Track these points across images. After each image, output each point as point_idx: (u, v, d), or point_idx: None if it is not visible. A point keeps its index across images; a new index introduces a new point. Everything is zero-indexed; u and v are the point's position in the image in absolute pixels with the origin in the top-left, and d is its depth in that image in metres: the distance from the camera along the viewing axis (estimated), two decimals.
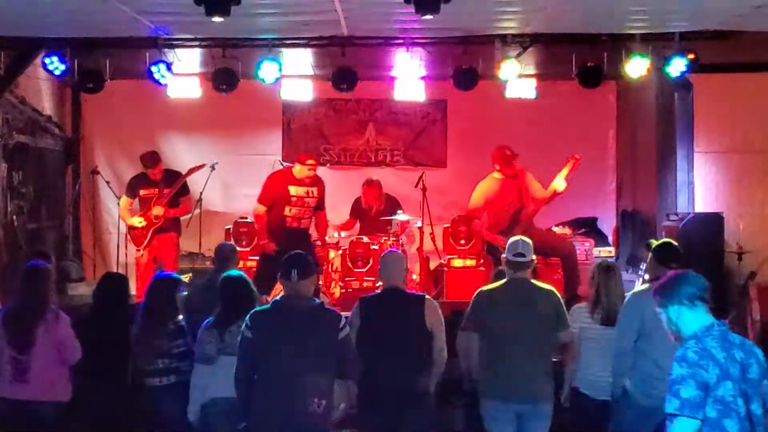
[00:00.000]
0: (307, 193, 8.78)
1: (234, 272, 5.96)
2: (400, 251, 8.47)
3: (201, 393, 5.54)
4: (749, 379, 3.63)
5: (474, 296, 5.81)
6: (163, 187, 9.11)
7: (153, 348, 5.84)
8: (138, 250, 9.18)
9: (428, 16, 6.51)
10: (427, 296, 5.86)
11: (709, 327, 3.69)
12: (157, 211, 9.02)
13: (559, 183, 8.59)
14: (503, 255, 5.81)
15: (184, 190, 9.30)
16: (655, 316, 5.44)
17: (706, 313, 3.74)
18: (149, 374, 5.85)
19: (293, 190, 8.71)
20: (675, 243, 5.95)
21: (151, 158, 9.19)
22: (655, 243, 6.00)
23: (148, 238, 9.09)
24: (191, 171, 9.50)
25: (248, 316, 4.90)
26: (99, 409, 5.89)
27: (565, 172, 8.61)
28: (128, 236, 9.36)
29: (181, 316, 6.02)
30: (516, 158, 8.77)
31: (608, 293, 5.91)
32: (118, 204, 9.66)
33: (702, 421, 3.51)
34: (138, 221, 9.13)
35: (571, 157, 8.67)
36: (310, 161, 8.77)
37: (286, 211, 8.69)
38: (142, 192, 9.19)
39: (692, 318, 3.72)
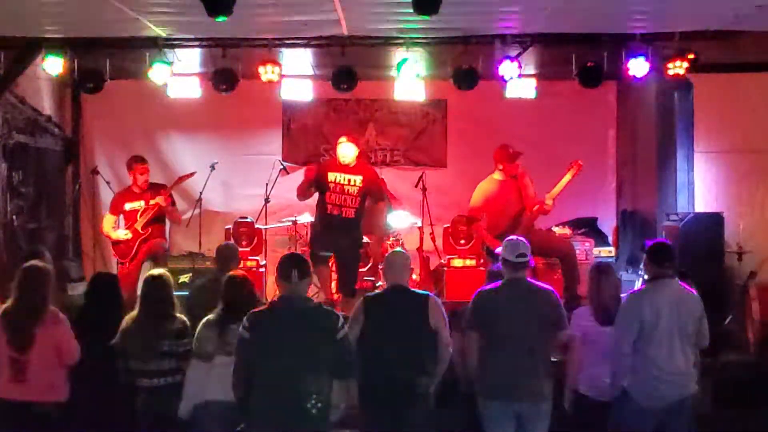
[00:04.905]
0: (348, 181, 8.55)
1: (238, 273, 6.02)
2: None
3: (195, 390, 5.54)
4: None
5: (474, 296, 5.83)
6: (148, 199, 9.09)
7: (154, 348, 5.79)
8: (124, 263, 9.15)
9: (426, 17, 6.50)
10: (430, 294, 5.86)
11: None
12: (159, 200, 8.97)
13: (548, 202, 8.55)
14: (501, 255, 5.82)
15: (172, 201, 9.21)
16: (654, 316, 5.52)
17: None
18: (154, 374, 5.80)
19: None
20: (668, 242, 5.97)
21: (135, 159, 9.24)
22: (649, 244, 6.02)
23: (134, 250, 9.08)
24: (180, 180, 9.47)
25: (246, 316, 4.90)
26: (94, 410, 5.86)
27: (567, 178, 8.59)
28: (113, 251, 9.34)
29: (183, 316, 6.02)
30: (518, 156, 8.71)
31: (599, 293, 5.96)
32: (102, 222, 9.57)
33: None
34: (123, 234, 9.11)
35: (573, 163, 8.63)
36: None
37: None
38: (127, 206, 9.16)
39: None
